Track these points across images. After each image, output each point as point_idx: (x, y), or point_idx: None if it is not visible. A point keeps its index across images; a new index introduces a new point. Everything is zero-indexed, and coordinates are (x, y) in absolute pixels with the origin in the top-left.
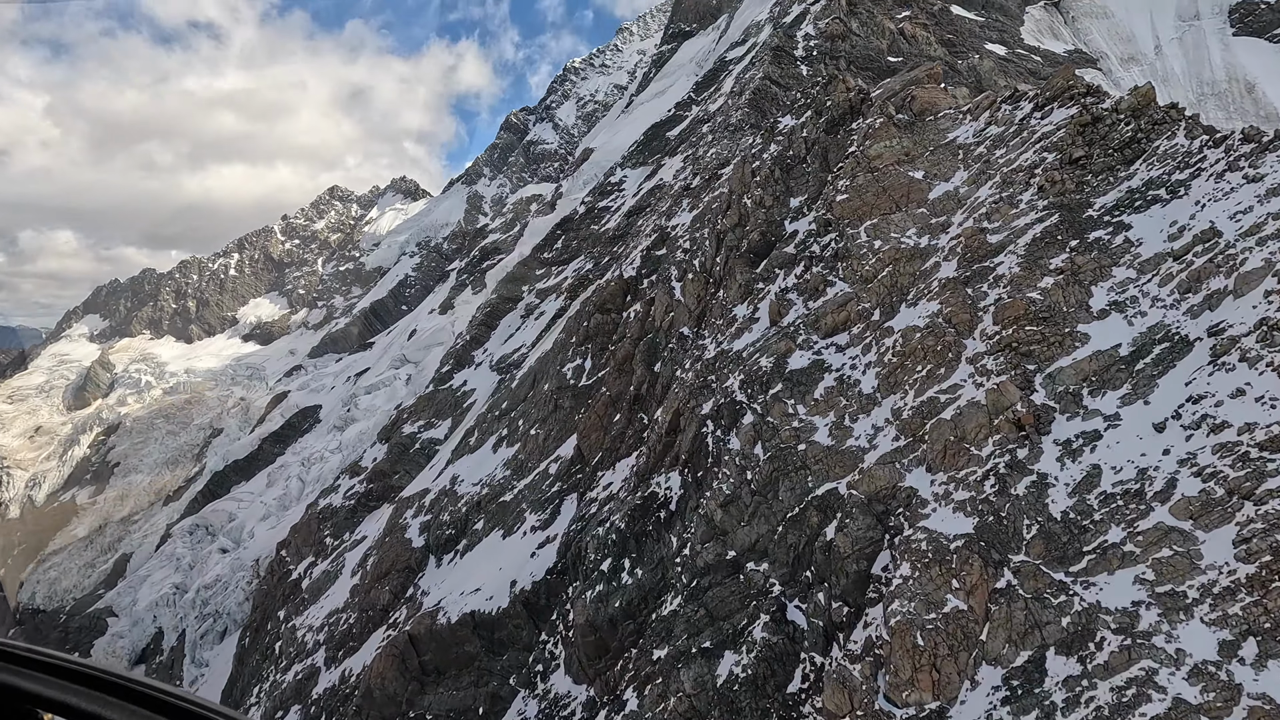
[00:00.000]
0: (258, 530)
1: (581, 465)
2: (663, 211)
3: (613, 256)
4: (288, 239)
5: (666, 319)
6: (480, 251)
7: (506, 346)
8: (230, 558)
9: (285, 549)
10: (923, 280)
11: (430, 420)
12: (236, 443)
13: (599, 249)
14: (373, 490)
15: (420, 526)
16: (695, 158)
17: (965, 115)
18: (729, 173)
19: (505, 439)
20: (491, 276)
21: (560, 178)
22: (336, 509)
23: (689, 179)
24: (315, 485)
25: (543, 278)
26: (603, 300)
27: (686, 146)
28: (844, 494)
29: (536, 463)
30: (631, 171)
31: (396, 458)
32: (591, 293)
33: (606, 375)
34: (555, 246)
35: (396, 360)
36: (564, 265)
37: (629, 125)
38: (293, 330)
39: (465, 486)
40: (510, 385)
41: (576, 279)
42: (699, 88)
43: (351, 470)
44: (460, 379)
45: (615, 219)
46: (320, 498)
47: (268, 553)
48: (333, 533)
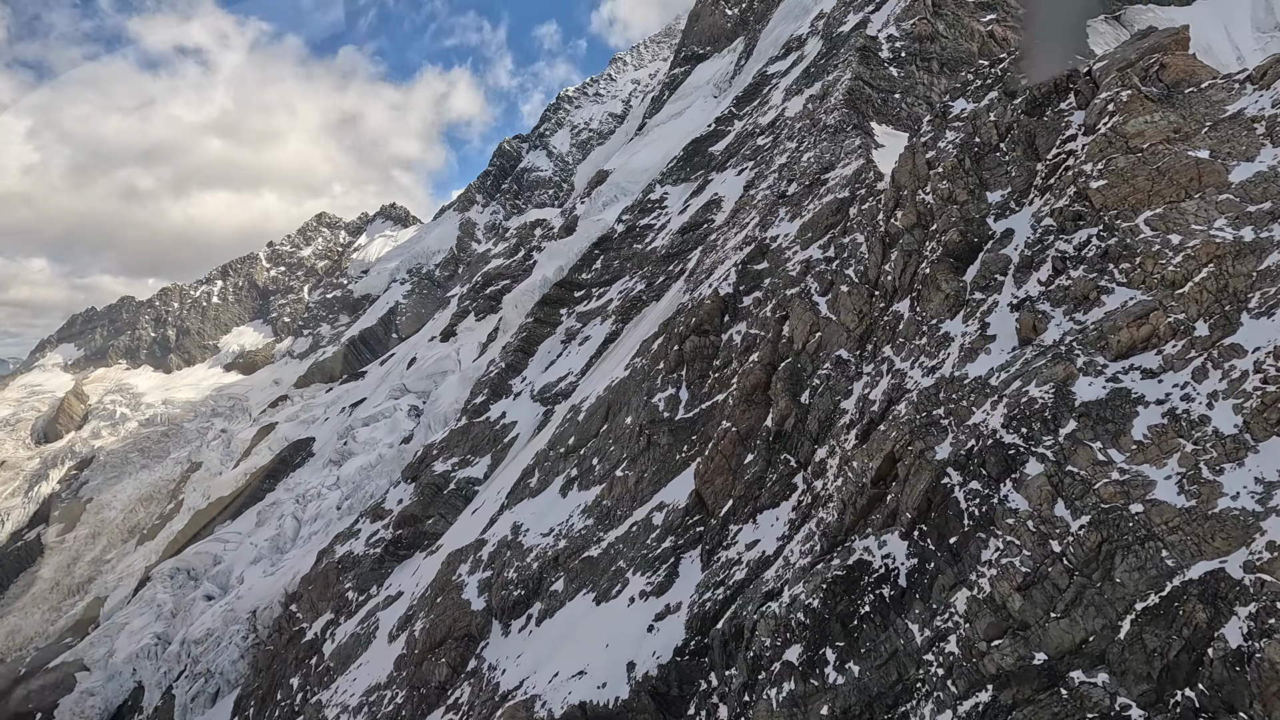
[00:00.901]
0: (248, 575)
1: (703, 516)
2: (750, 224)
3: (669, 275)
4: (273, 266)
5: (810, 340)
6: (483, 277)
7: (549, 375)
8: (220, 608)
9: (295, 603)
10: (1269, 282)
11: (465, 457)
12: (219, 478)
13: (649, 268)
14: (402, 537)
15: (479, 585)
16: (787, 165)
17: (1247, 84)
18: (896, 167)
19: (577, 480)
20: (509, 301)
21: (553, 203)
22: (358, 558)
23: (782, 186)
24: (314, 525)
25: (581, 300)
26: (698, 322)
27: (741, 159)
28: (1243, 579)
29: (629, 510)
30: (673, 188)
31: (429, 500)
32: (679, 314)
33: (728, 408)
34: (594, 267)
35: (396, 390)
36: (605, 286)
37: (648, 146)
38: (277, 359)
39: (532, 537)
40: (576, 418)
41: (625, 301)
42: (739, 102)
43: (373, 513)
44: (497, 410)
45: (663, 237)
46: (335, 543)
47: (267, 604)
48: (356, 586)
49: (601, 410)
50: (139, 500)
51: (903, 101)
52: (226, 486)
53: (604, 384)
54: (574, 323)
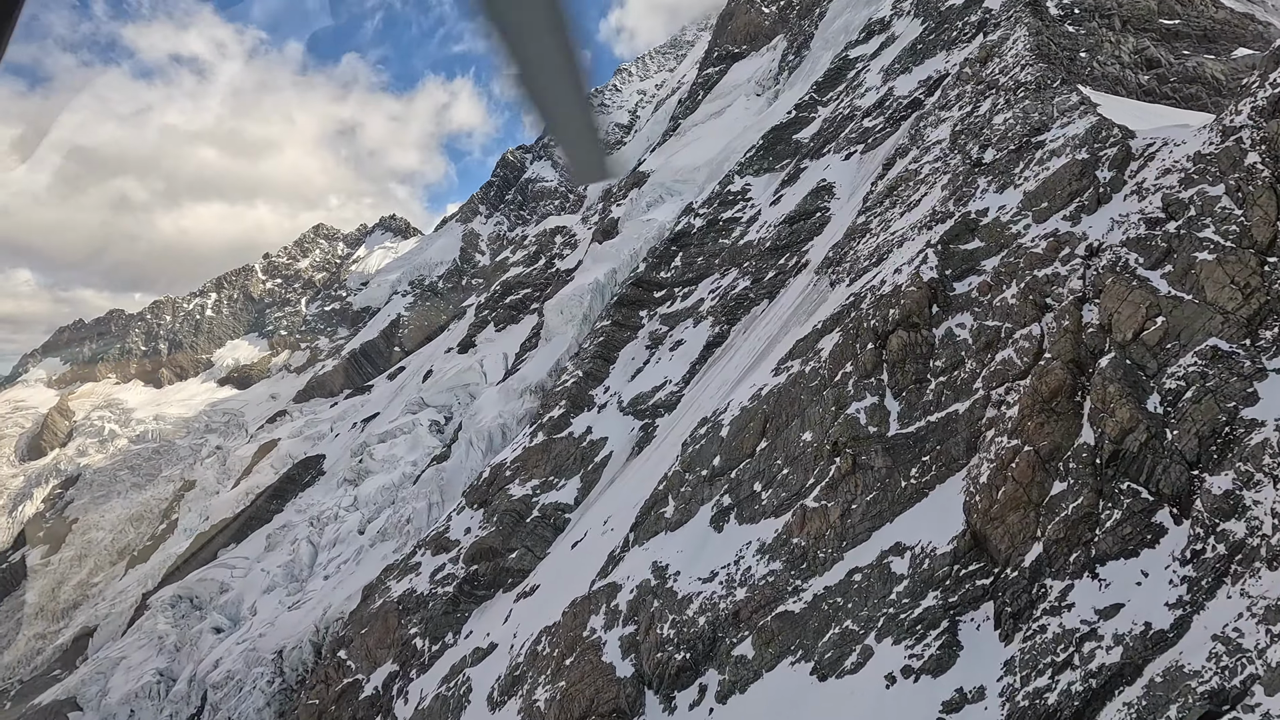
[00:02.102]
0: (262, 606)
1: (985, 564)
2: (928, 200)
3: (781, 270)
4: (269, 278)
5: (1149, 328)
6: (502, 286)
7: (638, 384)
8: (240, 647)
9: (344, 648)
10: None
11: (548, 479)
12: (217, 497)
13: (750, 263)
14: (479, 574)
15: (622, 644)
16: (966, 132)
17: None
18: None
19: (735, 511)
20: (551, 307)
21: (559, 213)
22: (424, 597)
23: (973, 154)
24: (333, 551)
25: (663, 301)
26: (903, 314)
27: (845, 142)
28: None
29: (837, 551)
30: (754, 178)
31: (508, 530)
32: (863, 307)
33: (1006, 421)
34: (672, 265)
35: (413, 404)
36: (690, 285)
37: (688, 145)
38: (273, 374)
39: (688, 582)
40: (716, 434)
41: (725, 299)
42: (820, 88)
43: (434, 544)
44: (580, 424)
45: (758, 229)
46: (388, 578)
47: (295, 643)
48: (426, 632)
49: (755, 425)
50: (128, 520)
51: (1093, 60)
52: (227, 507)
53: (744, 393)
54: (658, 325)
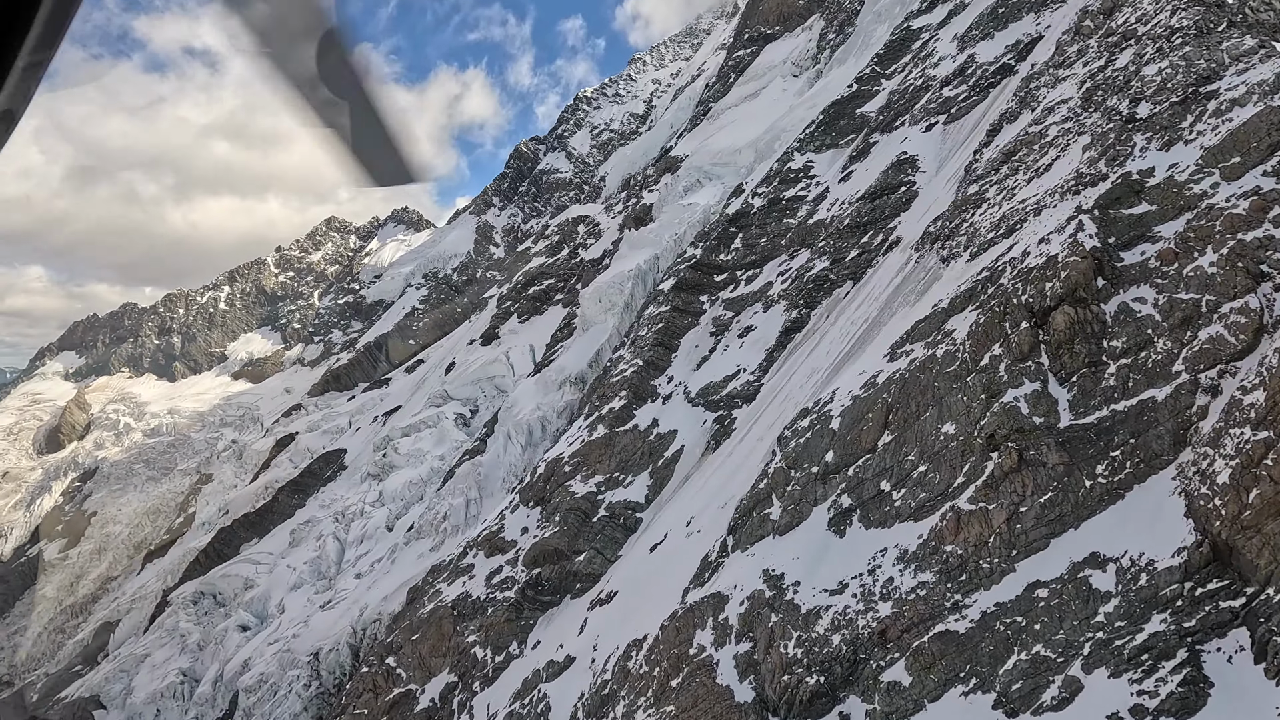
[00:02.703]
0: (290, 603)
1: (1232, 582)
2: (1066, 164)
3: (866, 249)
4: (281, 271)
5: None
6: (524, 277)
7: (706, 373)
8: (271, 648)
9: (393, 655)
10: None
11: (613, 475)
12: (236, 492)
13: (826, 242)
14: (543, 579)
15: (737, 663)
16: (1101, 87)
17: None
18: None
19: (859, 512)
20: (588, 295)
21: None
22: (481, 602)
23: (1123, 110)
24: (361, 548)
25: (726, 285)
26: (1066, 289)
27: (923, 113)
28: None
29: (1006, 562)
30: (817, 155)
31: (574, 530)
32: (1015, 281)
33: (1264, 409)
34: (732, 248)
35: (437, 397)
36: (754, 268)
37: (723, 129)
38: (287, 367)
39: (811, 594)
40: (825, 427)
41: (800, 281)
42: (882, 60)
43: (488, 544)
44: (645, 416)
45: (829, 207)
46: (437, 580)
47: (332, 646)
48: (487, 641)
49: (874, 416)
50: (145, 514)
51: (1243, 7)
52: (245, 502)
53: (852, 381)
54: (722, 311)
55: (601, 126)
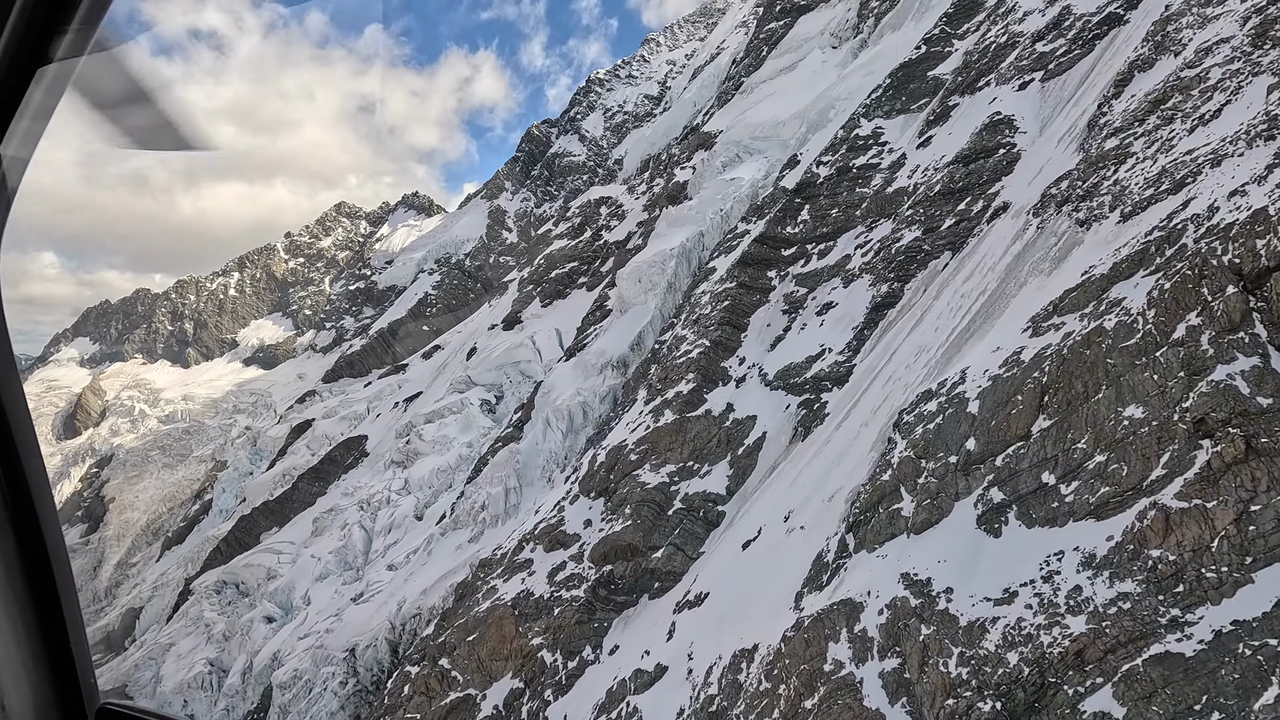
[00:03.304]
0: (316, 594)
1: None
2: (1250, 106)
3: (963, 216)
4: (292, 257)
5: None
6: (546, 260)
7: (783, 354)
8: (303, 643)
9: (446, 656)
10: None
11: (687, 464)
12: (252, 479)
13: (914, 210)
14: (615, 576)
15: (885, 682)
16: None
17: None
18: None
19: (1018, 509)
20: (626, 275)
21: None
22: (545, 601)
23: None
24: (388, 537)
25: (796, 260)
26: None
27: (1013, 70)
28: None
29: (1243, 570)
30: (886, 120)
31: (648, 524)
32: (1207, 240)
33: None
34: (799, 220)
35: (459, 383)
36: (826, 240)
37: (760, 102)
38: (299, 354)
39: (970, 604)
40: (960, 411)
41: (886, 254)
42: (952, 20)
43: (547, 538)
44: (718, 401)
45: (911, 174)
46: (490, 575)
47: (369, 641)
48: (556, 644)
49: (1026, 398)
50: (162, 500)
51: None
52: (263, 489)
53: (986, 359)
54: (793, 287)
55: (615, 108)
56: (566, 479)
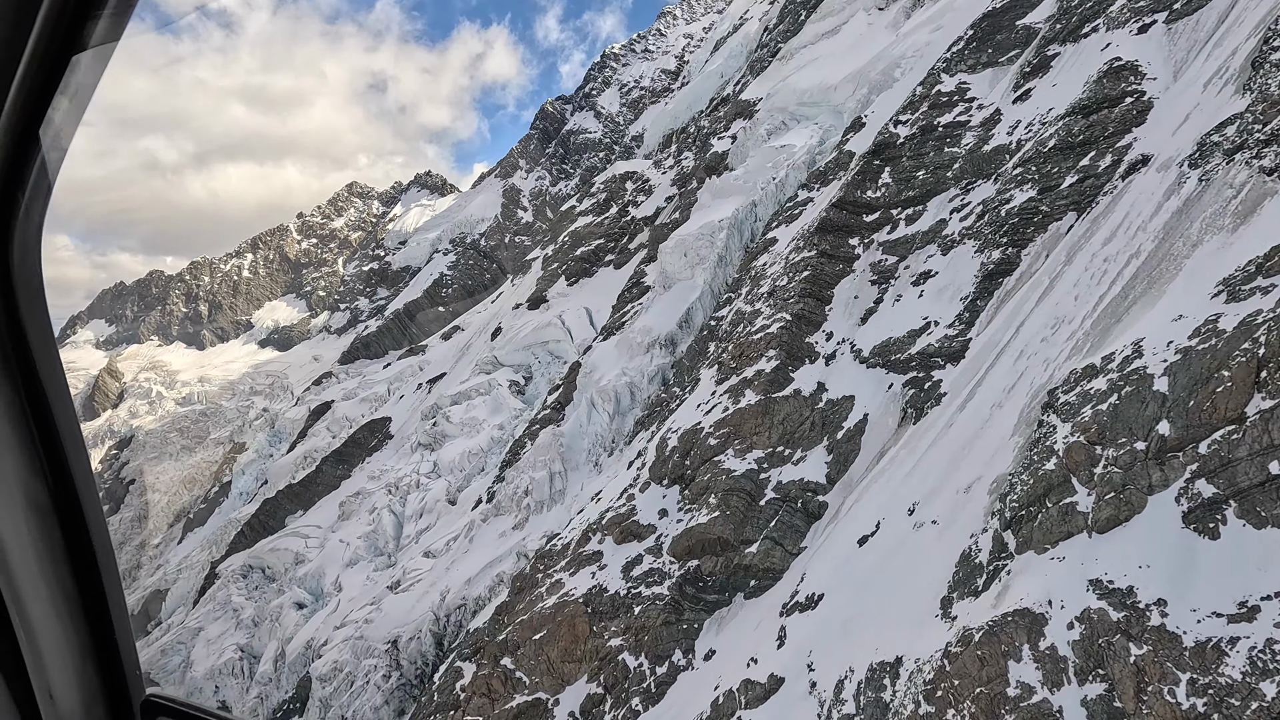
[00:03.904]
0: (348, 581)
1: None
2: None
3: (1088, 173)
4: (304, 238)
5: None
6: (571, 238)
7: (878, 328)
8: (339, 632)
9: (509, 655)
10: None
11: (776, 449)
12: (274, 462)
13: (1021, 170)
14: (703, 573)
15: (1093, 713)
16: None
17: None
18: None
19: (1236, 506)
20: (669, 250)
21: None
22: (622, 599)
23: None
24: (420, 522)
25: (880, 226)
26: None
27: (1128, 13)
28: None
29: None
30: (970, 75)
31: (739, 515)
32: None
33: None
34: (879, 183)
35: (485, 364)
36: (914, 205)
37: (804, 68)
38: (314, 335)
39: (1191, 619)
40: (1141, 390)
41: (1000, 216)
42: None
43: (617, 529)
44: (807, 379)
45: (1010, 130)
46: (552, 568)
47: (411, 633)
48: (639, 647)
49: (1236, 374)
50: (182, 483)
51: None
52: (285, 471)
53: (1168, 329)
54: (880, 255)
55: (631, 84)
56: (630, 465)
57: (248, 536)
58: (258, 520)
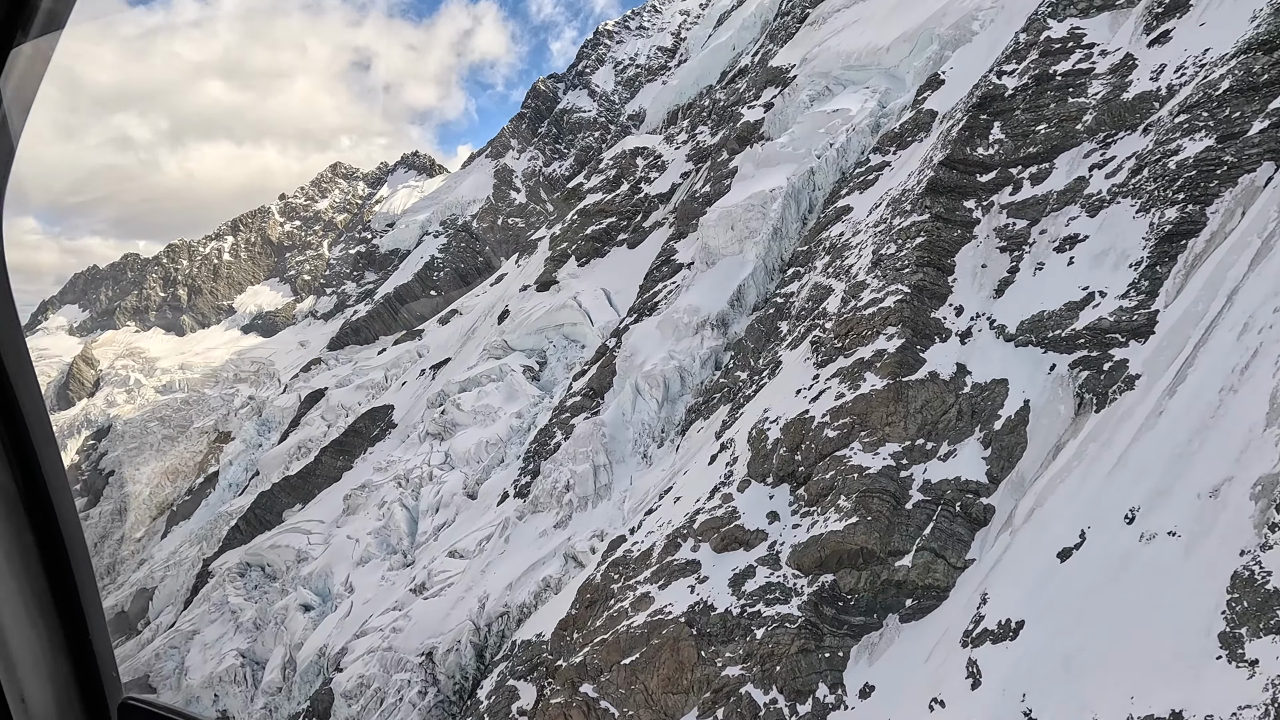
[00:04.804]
0: (360, 581)
1: None
2: None
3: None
4: (287, 220)
5: None
6: (580, 216)
7: (1021, 300)
8: (362, 642)
9: (591, 682)
10: None
11: (915, 442)
12: (265, 452)
13: (1190, 115)
14: (843, 590)
15: None
16: None
17: None
18: None
19: None
20: (711, 223)
21: (600, 145)
22: (736, 619)
23: None
24: (437, 517)
25: (1000, 186)
26: None
27: None
28: None
29: None
30: (1084, 20)
31: (884, 522)
32: None
33: None
34: (989, 140)
35: (494, 348)
36: (1038, 162)
37: (839, 34)
38: (299, 320)
39: None
40: None
41: (1170, 170)
42: None
43: (716, 534)
44: (942, 361)
45: (1154, 75)
46: (634, 578)
47: (449, 645)
48: (769, 679)
49: None
50: (164, 474)
51: None
52: (278, 462)
53: None
54: (1006, 219)
55: (626, 62)
56: (713, 459)
57: (243, 532)
58: (253, 515)
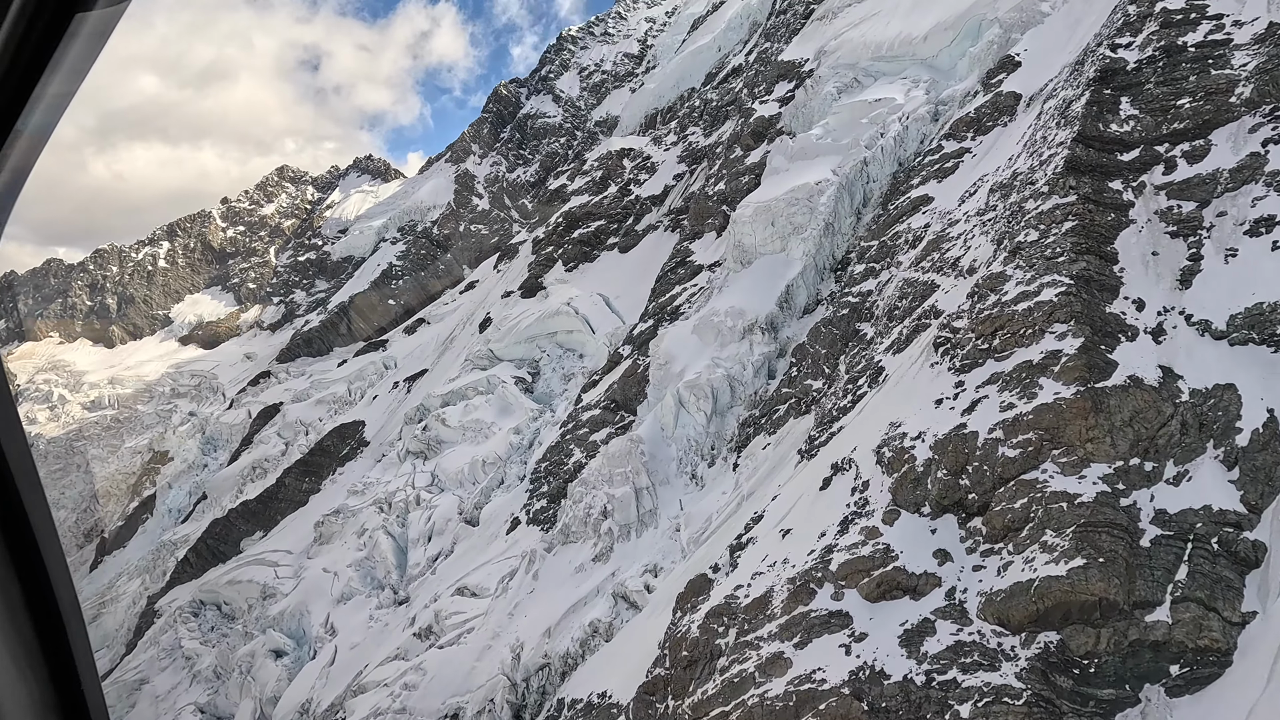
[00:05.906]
0: (342, 622)
1: None
2: None
3: None
4: (230, 225)
5: None
6: (566, 219)
7: (1219, 291)
8: (364, 700)
9: None
10: None
11: (1127, 461)
12: (212, 474)
13: None
14: (1074, 653)
15: None
16: None
17: None
18: None
19: None
20: (744, 218)
21: (566, 151)
22: (921, 688)
23: None
24: (430, 546)
25: (1146, 166)
26: None
27: None
28: None
29: None
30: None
31: (1120, 565)
32: None
33: None
34: (1119, 115)
35: (479, 358)
36: (1190, 139)
37: (858, 26)
38: (244, 331)
39: None
40: None
41: None
42: None
43: (864, 577)
44: (1139, 363)
45: None
46: (750, 632)
47: (481, 703)
48: None
49: None
50: (92, 499)
51: None
52: (229, 484)
53: None
54: (1167, 201)
55: (592, 67)
56: (825, 482)
57: (193, 564)
58: (204, 545)
